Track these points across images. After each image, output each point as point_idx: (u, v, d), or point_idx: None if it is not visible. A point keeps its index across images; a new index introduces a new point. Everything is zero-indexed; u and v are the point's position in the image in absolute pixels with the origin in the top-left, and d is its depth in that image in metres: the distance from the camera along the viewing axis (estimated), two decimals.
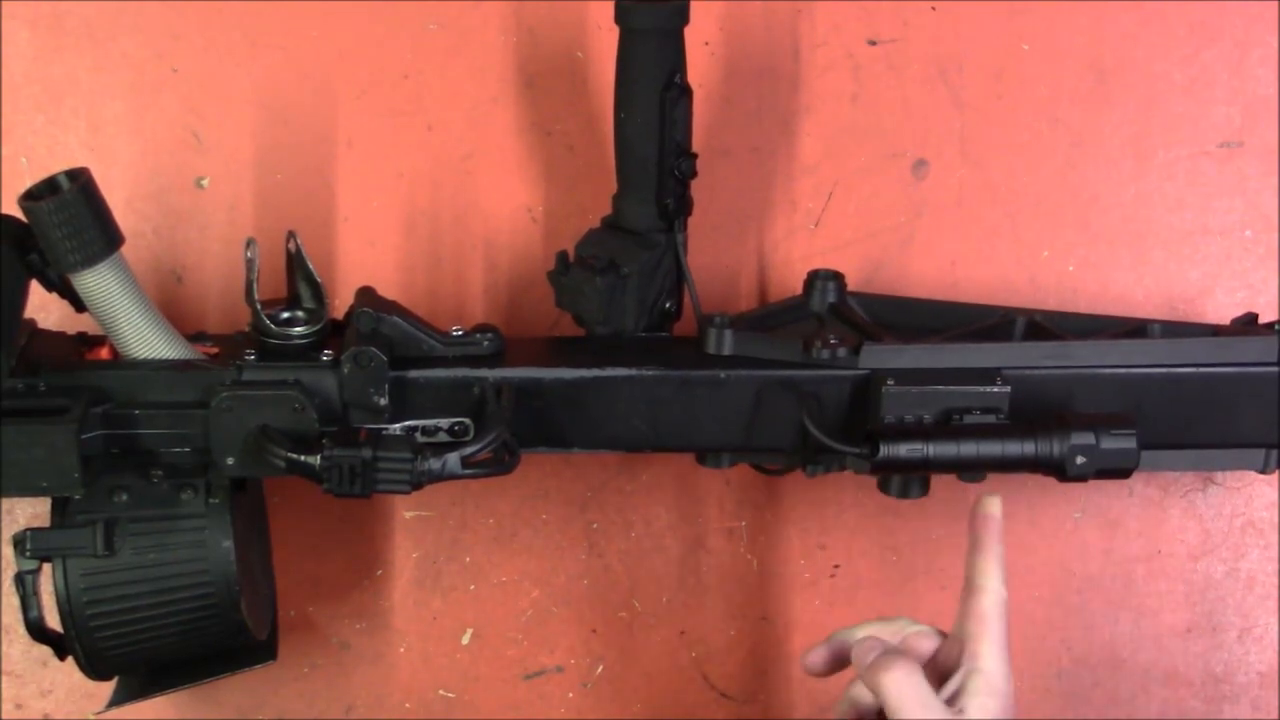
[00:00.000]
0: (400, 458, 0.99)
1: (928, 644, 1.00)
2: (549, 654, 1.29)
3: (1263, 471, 1.13)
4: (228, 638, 1.08)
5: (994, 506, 1.01)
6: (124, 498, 1.05)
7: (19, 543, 1.03)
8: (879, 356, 1.08)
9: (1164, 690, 1.31)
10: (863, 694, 1.01)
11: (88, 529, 1.03)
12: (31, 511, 1.22)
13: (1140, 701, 1.31)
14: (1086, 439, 1.04)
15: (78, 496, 1.02)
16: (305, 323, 1.07)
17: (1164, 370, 1.09)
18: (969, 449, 1.04)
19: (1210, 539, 1.30)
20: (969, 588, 0.99)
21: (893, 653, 0.96)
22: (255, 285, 1.05)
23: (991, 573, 0.99)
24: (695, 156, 1.11)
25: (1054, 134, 1.25)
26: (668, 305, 1.15)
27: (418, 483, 0.99)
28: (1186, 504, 1.29)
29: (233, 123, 1.21)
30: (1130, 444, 1.04)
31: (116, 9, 1.19)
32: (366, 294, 1.09)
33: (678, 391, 1.08)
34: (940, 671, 0.98)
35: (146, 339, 1.04)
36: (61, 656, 1.07)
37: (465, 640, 1.28)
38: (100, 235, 1.00)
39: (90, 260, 1.00)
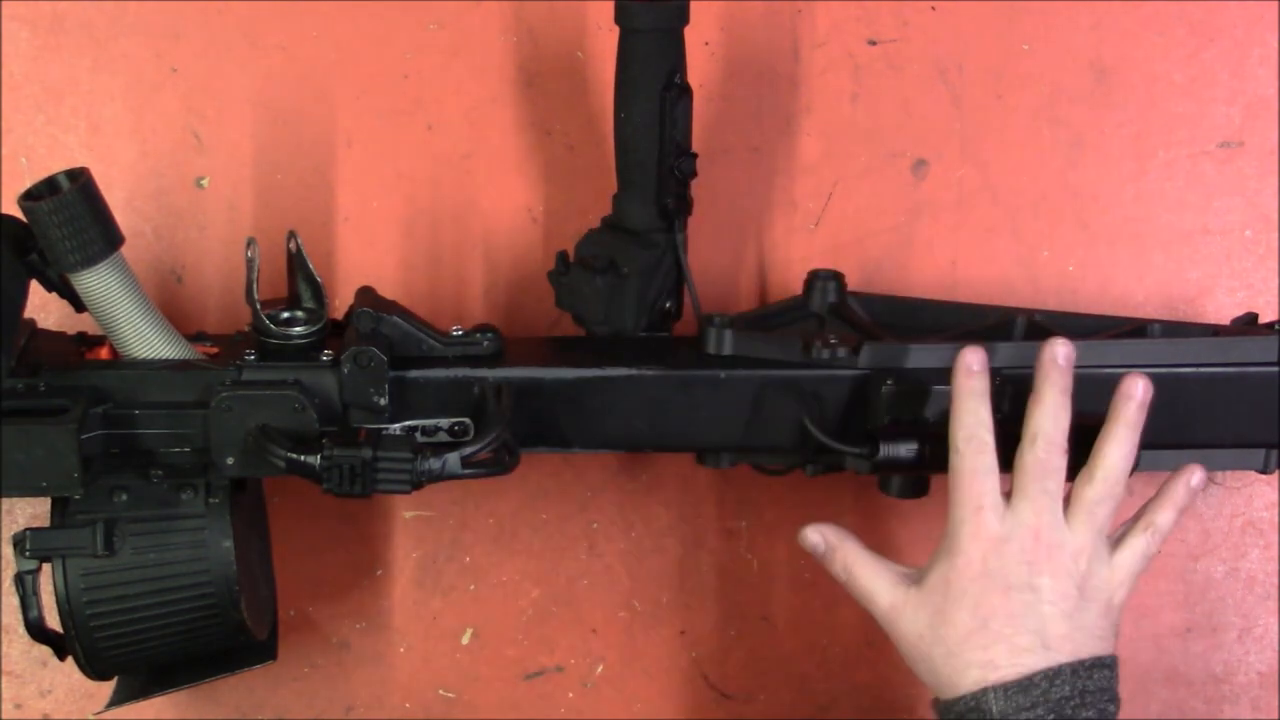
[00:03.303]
0: (400, 458, 0.98)
1: None
2: (549, 654, 1.29)
3: (1263, 471, 1.13)
4: (228, 638, 1.08)
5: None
6: (124, 498, 1.04)
7: (19, 543, 1.03)
8: (879, 356, 1.08)
9: (1164, 690, 1.31)
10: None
11: (88, 529, 1.03)
12: (31, 511, 1.22)
13: (1140, 701, 1.30)
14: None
15: (78, 496, 1.02)
16: (305, 323, 1.07)
17: (1164, 370, 1.09)
18: None
19: (1210, 539, 1.30)
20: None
21: None
22: (255, 285, 1.05)
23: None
24: (695, 156, 1.11)
25: (1054, 134, 1.25)
26: (668, 305, 1.15)
27: (418, 483, 0.99)
28: None
29: (233, 123, 1.21)
30: None
31: (116, 9, 1.19)
32: (366, 294, 1.09)
33: (678, 391, 1.08)
34: None
35: (146, 339, 1.04)
36: (61, 656, 1.07)
37: (465, 640, 1.28)
38: (100, 235, 1.00)
39: (90, 260, 1.00)
